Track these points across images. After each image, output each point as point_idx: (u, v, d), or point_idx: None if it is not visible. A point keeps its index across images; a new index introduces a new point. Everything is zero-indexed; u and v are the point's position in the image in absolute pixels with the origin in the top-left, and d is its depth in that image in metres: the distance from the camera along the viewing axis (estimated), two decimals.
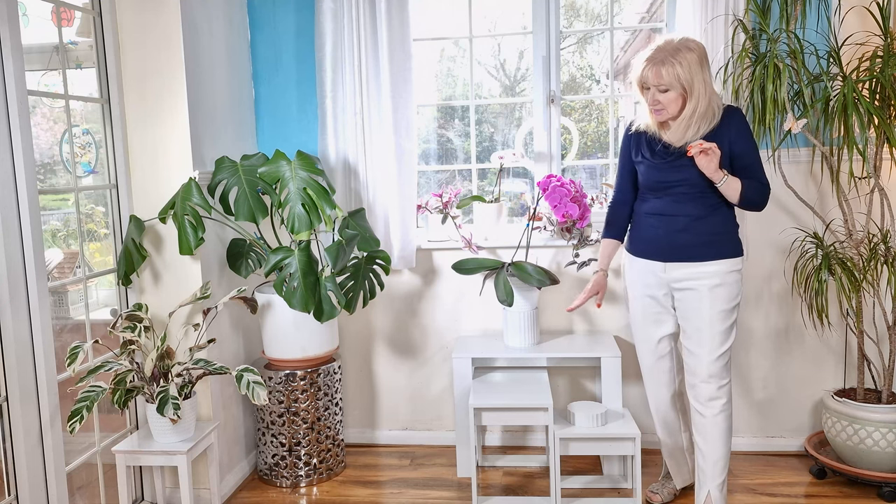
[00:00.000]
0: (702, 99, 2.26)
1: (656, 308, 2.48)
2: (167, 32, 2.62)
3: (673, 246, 2.38)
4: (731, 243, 2.37)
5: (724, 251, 2.35)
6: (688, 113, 2.28)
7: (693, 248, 2.35)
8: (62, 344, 2.43)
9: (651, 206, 2.43)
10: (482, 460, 3.12)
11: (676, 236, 2.37)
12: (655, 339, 2.52)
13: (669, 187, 2.38)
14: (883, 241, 2.67)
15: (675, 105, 2.28)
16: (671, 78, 2.23)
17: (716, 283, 2.34)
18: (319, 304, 2.72)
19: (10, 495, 2.18)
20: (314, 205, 2.65)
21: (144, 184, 2.71)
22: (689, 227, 2.35)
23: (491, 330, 3.24)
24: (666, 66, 2.23)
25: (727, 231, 2.38)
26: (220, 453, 2.85)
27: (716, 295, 2.34)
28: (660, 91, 2.27)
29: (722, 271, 2.34)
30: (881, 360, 2.84)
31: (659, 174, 2.39)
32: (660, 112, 2.31)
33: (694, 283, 2.36)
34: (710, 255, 2.34)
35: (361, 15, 3.00)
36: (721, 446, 2.39)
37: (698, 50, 2.26)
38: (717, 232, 2.36)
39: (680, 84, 2.24)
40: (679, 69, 2.22)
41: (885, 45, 2.61)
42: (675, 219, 2.37)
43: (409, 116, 3.07)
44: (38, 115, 2.48)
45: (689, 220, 2.35)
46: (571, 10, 3.78)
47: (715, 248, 2.35)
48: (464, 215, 3.29)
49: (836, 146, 2.70)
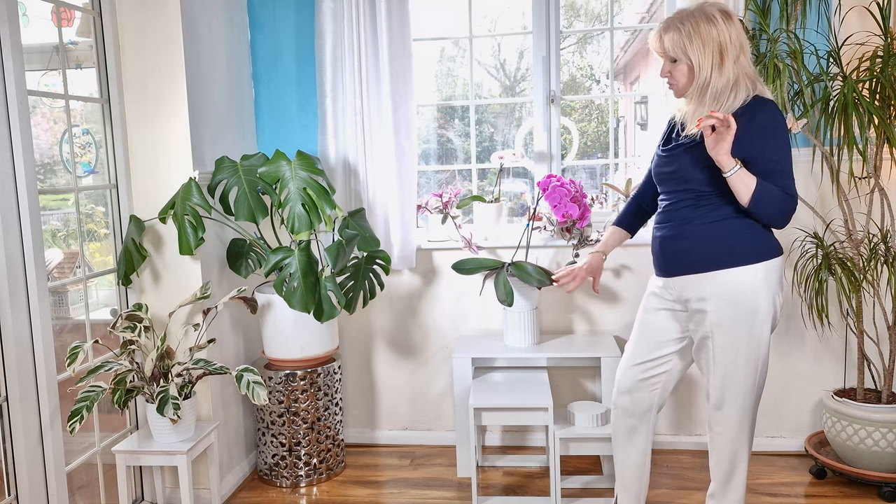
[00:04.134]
0: (714, 75, 1.93)
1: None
2: (167, 32, 2.62)
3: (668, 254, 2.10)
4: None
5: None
6: (693, 90, 1.97)
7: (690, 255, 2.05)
8: (62, 344, 2.43)
9: (657, 213, 2.19)
10: (482, 460, 3.12)
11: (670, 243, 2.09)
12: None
13: (662, 181, 2.13)
14: (883, 241, 2.67)
15: (685, 80, 1.99)
16: (671, 45, 1.95)
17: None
18: (319, 304, 2.72)
19: (10, 495, 2.18)
20: (314, 205, 2.65)
21: (144, 184, 2.71)
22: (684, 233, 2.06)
23: (491, 330, 3.24)
24: (669, 32, 1.96)
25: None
26: (220, 453, 2.85)
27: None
28: (669, 61, 2.00)
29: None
30: (881, 360, 2.84)
31: (657, 167, 2.14)
32: (671, 87, 2.04)
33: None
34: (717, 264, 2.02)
35: (361, 15, 3.00)
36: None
37: (721, 18, 1.92)
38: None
39: (684, 54, 1.95)
40: (679, 36, 1.94)
41: (885, 45, 2.61)
42: (666, 225, 2.10)
43: (409, 116, 3.06)
44: (38, 115, 2.48)
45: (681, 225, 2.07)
46: (571, 10, 3.78)
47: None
48: (464, 215, 3.30)
49: (836, 146, 2.70)
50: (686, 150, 2.04)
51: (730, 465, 2.14)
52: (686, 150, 2.04)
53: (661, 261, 2.13)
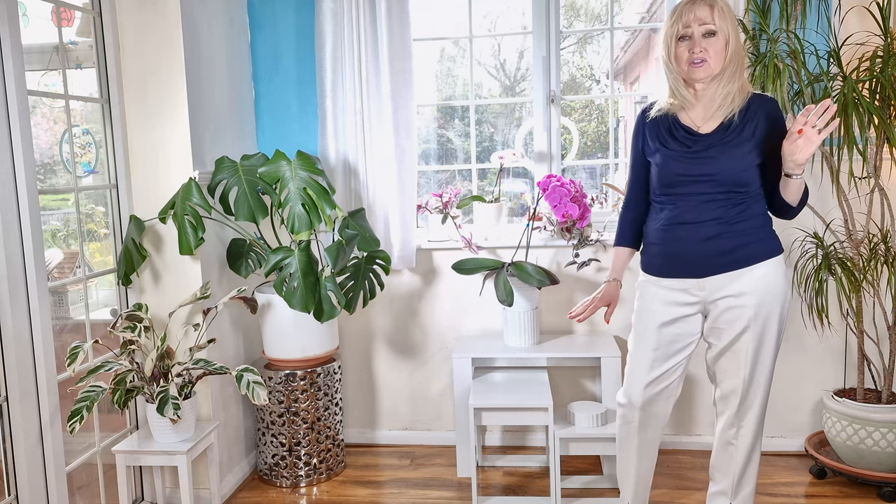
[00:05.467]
0: (741, 57, 1.98)
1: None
2: (167, 32, 2.62)
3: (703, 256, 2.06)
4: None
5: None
6: (728, 69, 1.97)
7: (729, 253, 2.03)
8: (62, 344, 2.43)
9: (669, 213, 2.10)
10: (482, 460, 3.12)
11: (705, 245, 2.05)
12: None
13: (692, 183, 2.04)
14: (883, 241, 2.67)
15: (719, 58, 1.96)
16: (721, 20, 1.94)
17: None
18: (319, 304, 2.72)
19: (10, 495, 2.18)
20: (314, 205, 2.65)
21: (144, 184, 2.71)
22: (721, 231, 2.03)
23: (491, 330, 3.25)
24: (717, 4, 1.94)
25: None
26: (220, 453, 2.85)
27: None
28: (705, 37, 1.95)
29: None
30: (881, 360, 2.84)
31: (680, 166, 2.04)
32: (700, 65, 1.96)
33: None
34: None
35: (361, 15, 3.00)
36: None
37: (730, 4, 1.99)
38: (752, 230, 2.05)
39: (728, 30, 1.94)
40: (726, 9, 1.95)
41: (885, 45, 2.61)
42: (700, 225, 2.05)
43: (409, 116, 3.07)
44: (38, 115, 2.48)
45: (719, 224, 2.03)
46: (571, 10, 3.78)
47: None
48: (464, 215, 3.30)
49: (836, 146, 2.70)
50: (724, 149, 2.00)
51: (747, 460, 2.18)
52: (725, 150, 2.00)
53: (692, 262, 2.06)
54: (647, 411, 2.20)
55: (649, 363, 2.16)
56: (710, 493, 2.28)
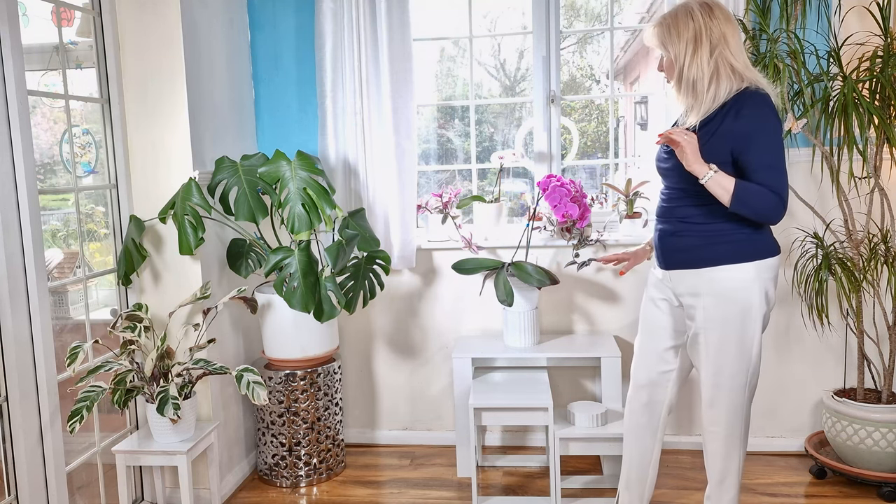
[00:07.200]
0: (686, 65, 1.97)
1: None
2: (167, 32, 2.62)
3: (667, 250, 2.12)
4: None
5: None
6: (674, 81, 2.03)
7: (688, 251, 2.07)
8: (62, 344, 2.43)
9: (658, 203, 2.21)
10: (482, 460, 3.12)
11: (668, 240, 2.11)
12: None
13: (663, 176, 2.15)
14: (883, 241, 2.67)
15: (671, 73, 2.04)
16: (650, 37, 2.05)
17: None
18: (319, 304, 2.72)
19: (10, 495, 2.18)
20: (314, 205, 2.65)
21: (144, 184, 2.71)
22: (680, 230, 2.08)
23: (491, 330, 3.24)
24: (654, 27, 2.04)
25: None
26: (220, 453, 2.85)
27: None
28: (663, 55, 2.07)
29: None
30: (881, 360, 2.84)
31: (657, 160, 2.16)
32: (666, 80, 2.10)
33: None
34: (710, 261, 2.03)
35: (361, 15, 3.00)
36: None
37: (700, 10, 1.95)
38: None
39: (662, 46, 2.02)
40: (660, 29, 2.01)
41: (885, 45, 2.61)
42: (667, 220, 2.12)
43: (409, 116, 3.06)
44: (38, 115, 2.48)
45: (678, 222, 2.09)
46: (571, 10, 3.78)
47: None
48: (464, 215, 3.30)
49: (836, 146, 2.70)
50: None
51: (723, 465, 2.15)
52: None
53: (659, 253, 2.16)
54: (649, 391, 2.26)
55: (641, 341, 2.29)
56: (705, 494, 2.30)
